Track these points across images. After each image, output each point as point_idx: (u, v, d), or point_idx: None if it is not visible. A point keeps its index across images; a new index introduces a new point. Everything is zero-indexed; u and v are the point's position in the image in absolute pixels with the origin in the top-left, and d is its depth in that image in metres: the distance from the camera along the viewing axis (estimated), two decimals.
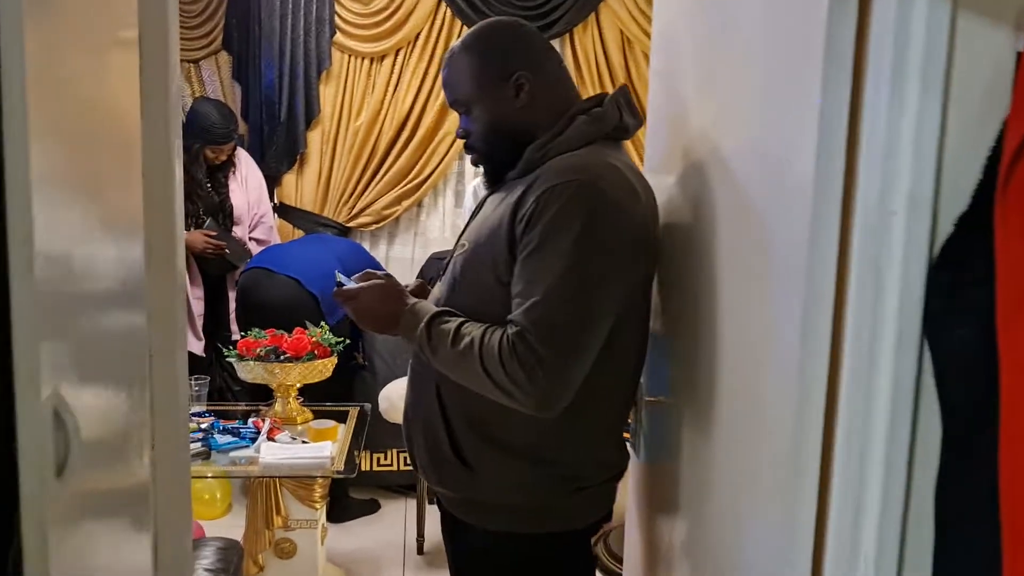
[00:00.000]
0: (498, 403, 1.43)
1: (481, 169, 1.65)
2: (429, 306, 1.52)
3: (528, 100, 1.53)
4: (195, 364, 3.85)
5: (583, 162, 1.45)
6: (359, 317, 1.57)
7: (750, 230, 1.19)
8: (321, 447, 2.71)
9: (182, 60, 4.64)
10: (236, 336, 3.77)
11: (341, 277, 1.68)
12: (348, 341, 3.10)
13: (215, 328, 3.94)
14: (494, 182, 1.60)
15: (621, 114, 1.55)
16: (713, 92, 1.41)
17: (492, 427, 1.49)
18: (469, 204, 3.48)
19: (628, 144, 1.63)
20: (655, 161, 1.79)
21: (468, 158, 4.48)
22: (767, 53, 1.14)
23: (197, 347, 3.89)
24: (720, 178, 1.33)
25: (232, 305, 3.87)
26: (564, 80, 1.59)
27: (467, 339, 1.42)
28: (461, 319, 1.47)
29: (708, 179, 1.38)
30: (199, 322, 3.88)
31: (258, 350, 2.89)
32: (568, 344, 1.38)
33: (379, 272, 1.63)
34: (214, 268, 3.85)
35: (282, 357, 2.88)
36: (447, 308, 1.50)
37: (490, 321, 1.44)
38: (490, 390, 1.41)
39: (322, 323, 3.05)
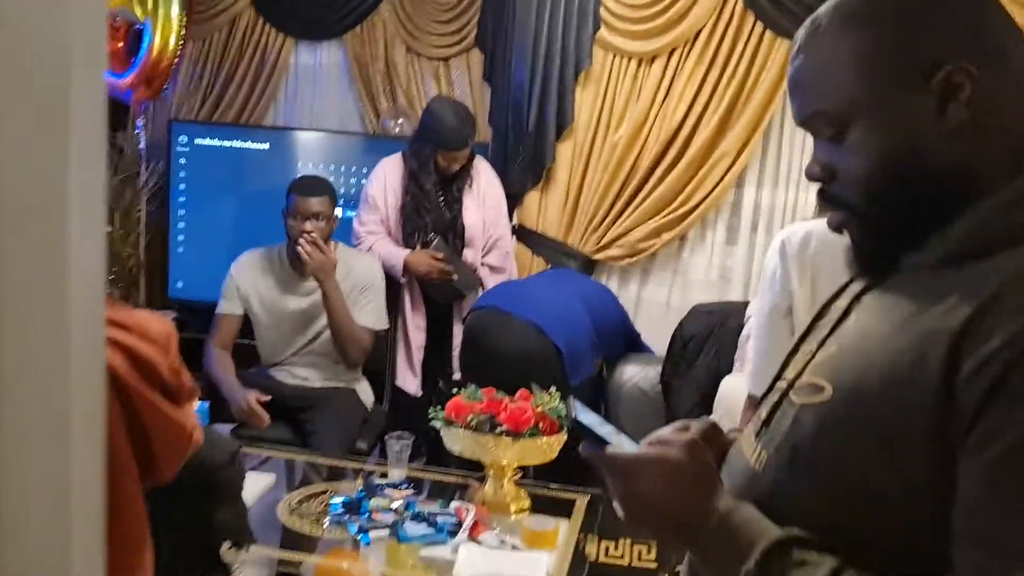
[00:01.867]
0: None
1: (813, 223, 0.94)
2: (759, 520, 0.79)
3: (968, 117, 0.78)
4: (409, 406, 3.36)
5: None
6: (631, 506, 0.87)
7: None
8: (534, 561, 2.03)
9: (432, 58, 4.27)
10: (458, 375, 3.23)
11: (586, 415, 0.99)
12: None
13: (437, 364, 3.40)
14: (877, 268, 0.85)
15: None
16: None
17: None
18: (777, 277, 2.04)
19: None
20: None
21: (751, 186, 3.94)
22: None
23: (413, 385, 3.37)
24: None
25: (457, 339, 3.31)
26: None
27: None
28: (833, 564, 0.72)
29: None
30: (418, 356, 3.37)
31: (469, 417, 2.27)
32: None
33: (679, 434, 0.89)
34: (439, 295, 3.32)
35: (498, 430, 2.24)
36: (796, 533, 0.76)
37: (869, 548, 0.72)
38: None
39: (552, 389, 2.37)
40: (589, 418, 0.99)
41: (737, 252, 3.74)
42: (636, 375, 3.00)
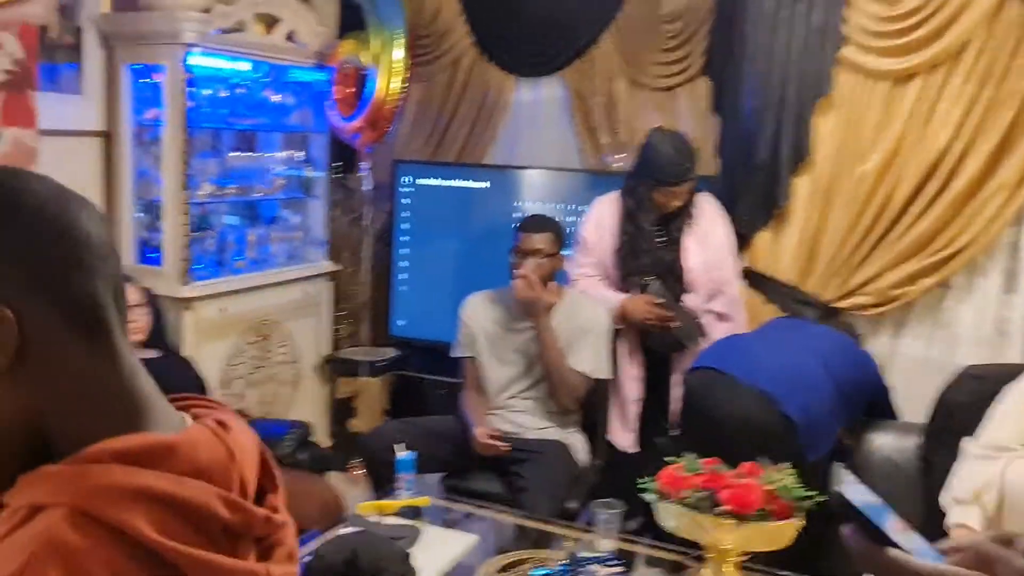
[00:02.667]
0: None
1: None
2: None
3: None
4: (623, 462, 3.11)
5: None
6: None
7: None
8: None
9: (655, 89, 4.03)
10: (676, 432, 2.94)
11: (858, 491, 0.77)
12: (825, 497, 2.04)
13: (653, 418, 3.12)
14: None
15: None
16: None
17: None
18: None
19: None
20: None
21: None
22: None
23: (626, 440, 3.11)
24: None
25: (677, 391, 3.02)
26: None
27: None
28: None
29: None
30: (632, 409, 3.11)
31: (686, 493, 1.98)
32: None
33: (1002, 550, 0.63)
34: (658, 344, 3.05)
35: (718, 509, 1.94)
36: None
37: None
38: None
39: (785, 465, 2.03)
40: (861, 496, 0.78)
41: (1016, 302, 3.17)
42: (888, 445, 2.56)
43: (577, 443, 2.98)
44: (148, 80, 3.41)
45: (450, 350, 3.14)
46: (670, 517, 2.02)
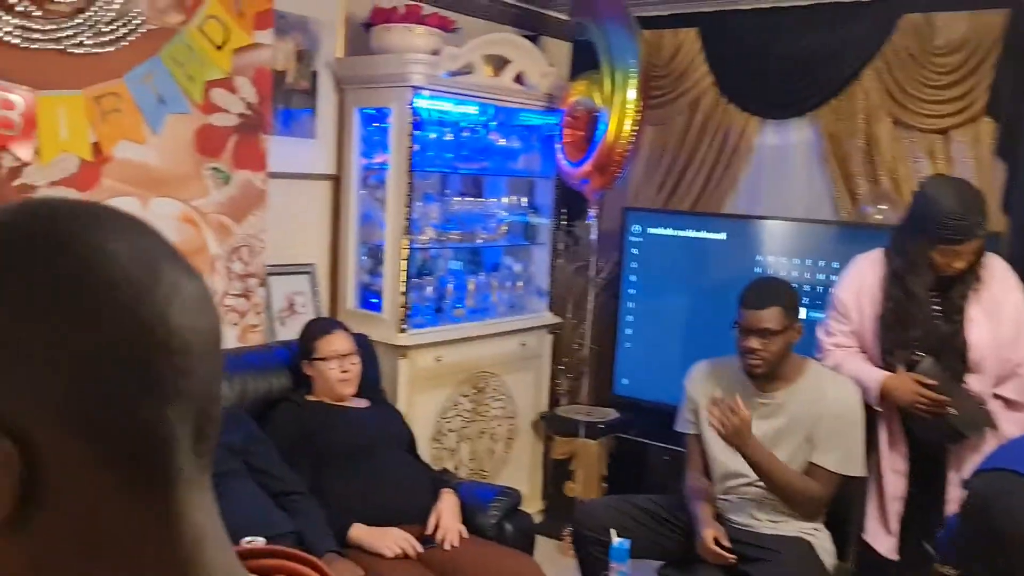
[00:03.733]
0: None
1: None
2: None
3: None
4: (882, 569, 2.63)
5: None
6: None
7: None
8: None
9: (925, 130, 3.49)
10: (946, 539, 2.42)
11: None
12: None
13: (920, 520, 2.60)
14: None
15: None
16: None
17: None
18: None
19: None
20: None
21: None
22: None
23: (885, 544, 2.62)
24: None
25: (953, 493, 2.50)
26: None
27: None
28: None
29: None
30: (894, 507, 2.61)
31: None
32: None
33: None
34: (928, 434, 2.54)
35: None
36: None
37: None
38: None
39: None
40: None
41: None
42: None
43: (823, 542, 2.53)
44: (377, 124, 3.38)
45: (675, 418, 2.80)
46: None
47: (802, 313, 3.47)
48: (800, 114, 3.77)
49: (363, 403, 2.79)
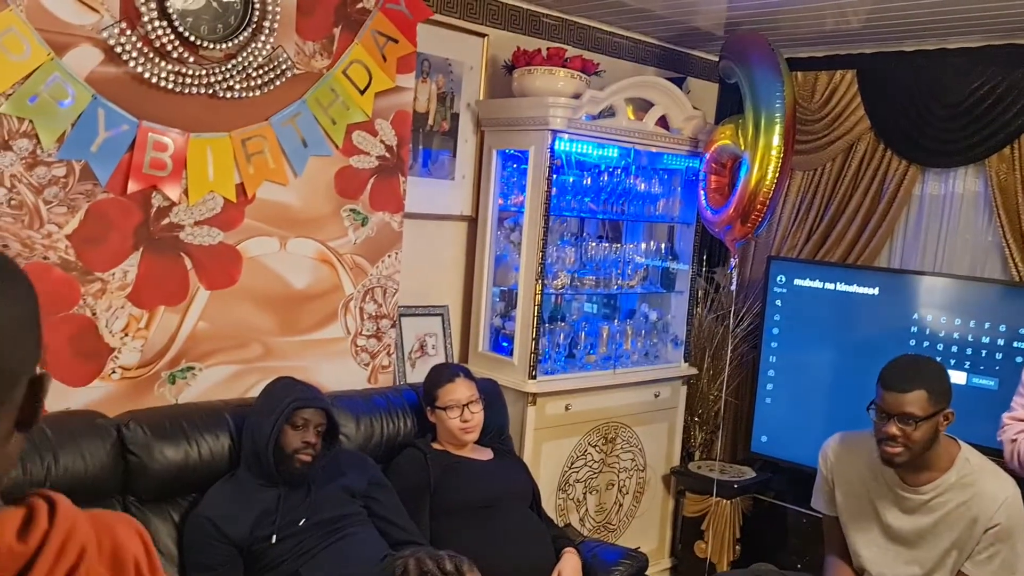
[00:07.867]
0: None
1: None
2: None
3: None
4: None
5: None
6: None
7: None
8: None
9: None
10: None
11: None
12: None
13: None
14: None
15: None
16: None
17: None
18: None
19: None
20: None
21: None
22: None
23: None
24: None
25: None
26: None
27: None
28: None
29: None
30: None
31: None
32: None
33: None
34: None
35: None
36: None
37: None
38: None
39: None
40: None
41: None
42: None
43: None
44: (515, 166, 3.35)
45: (813, 488, 2.57)
46: None
47: (962, 378, 3.21)
48: (966, 163, 3.50)
49: (487, 454, 2.73)
